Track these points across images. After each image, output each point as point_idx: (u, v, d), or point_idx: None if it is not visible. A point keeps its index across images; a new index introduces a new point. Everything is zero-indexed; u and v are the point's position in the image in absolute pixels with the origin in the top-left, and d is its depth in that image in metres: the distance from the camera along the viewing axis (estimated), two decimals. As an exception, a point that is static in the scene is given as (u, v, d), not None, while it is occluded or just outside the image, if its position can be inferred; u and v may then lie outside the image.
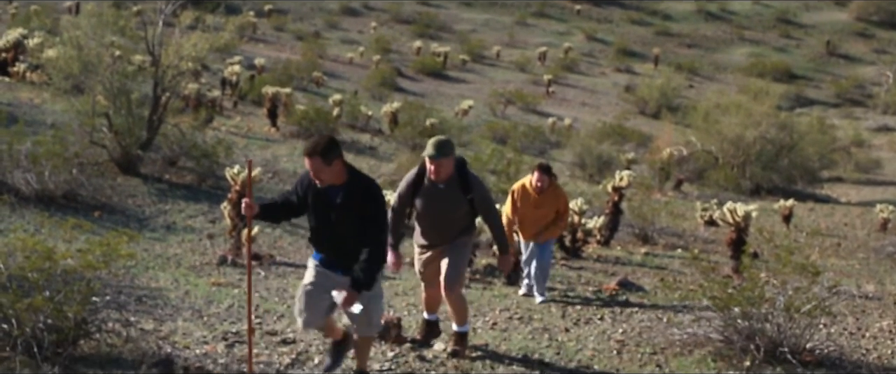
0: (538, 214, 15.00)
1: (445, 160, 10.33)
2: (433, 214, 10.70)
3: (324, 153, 8.45)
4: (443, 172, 10.41)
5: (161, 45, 24.69)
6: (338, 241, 8.84)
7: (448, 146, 10.44)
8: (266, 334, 11.51)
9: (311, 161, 8.49)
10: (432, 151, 10.29)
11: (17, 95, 30.78)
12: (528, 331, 12.74)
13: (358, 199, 8.66)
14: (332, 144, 8.62)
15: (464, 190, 10.57)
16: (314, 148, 8.49)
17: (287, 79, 47.66)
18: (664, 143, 43.44)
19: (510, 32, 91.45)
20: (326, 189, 8.71)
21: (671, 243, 24.31)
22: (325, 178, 8.60)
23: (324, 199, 8.75)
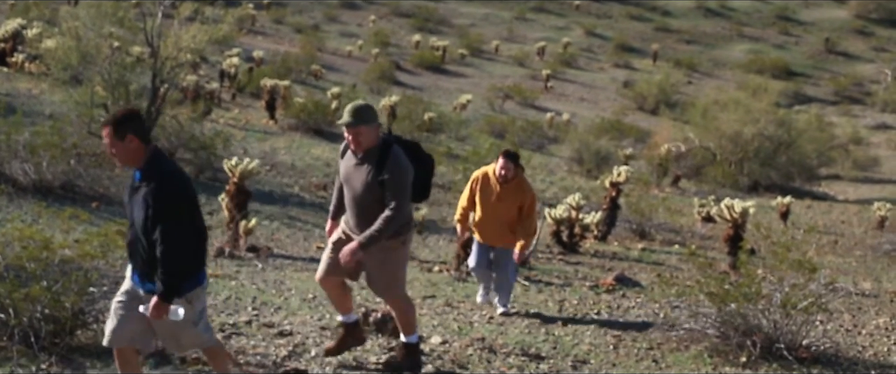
0: (499, 209, 13.02)
1: (364, 128, 8.94)
2: (348, 191, 9.34)
3: (117, 124, 7.21)
4: (362, 142, 9.01)
5: (160, 36, 24.72)
6: (132, 242, 7.53)
7: (365, 112, 9.04)
8: (263, 326, 11.50)
9: (104, 131, 7.31)
10: (346, 117, 8.97)
11: (15, 86, 30.79)
12: (524, 325, 12.76)
13: (148, 193, 7.26)
14: (130, 116, 7.34)
15: (379, 169, 8.98)
16: (111, 117, 7.38)
17: (285, 71, 47.72)
18: (662, 139, 43.48)
19: (509, 27, 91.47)
20: (132, 177, 7.47)
21: (668, 239, 24.33)
22: (119, 155, 7.31)
23: (129, 189, 7.51)
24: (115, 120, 7.23)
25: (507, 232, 13.12)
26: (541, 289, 15.88)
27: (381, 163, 8.97)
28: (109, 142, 7.23)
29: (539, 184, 30.70)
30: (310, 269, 16.32)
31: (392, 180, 8.92)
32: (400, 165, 9.00)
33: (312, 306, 13.23)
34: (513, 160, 13.01)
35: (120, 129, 7.16)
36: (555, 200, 26.76)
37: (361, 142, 8.99)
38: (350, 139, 9.05)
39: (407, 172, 9.05)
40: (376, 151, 9.03)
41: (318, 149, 30.62)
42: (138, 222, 7.29)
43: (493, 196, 13.05)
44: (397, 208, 8.94)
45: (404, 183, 9.05)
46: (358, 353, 10.47)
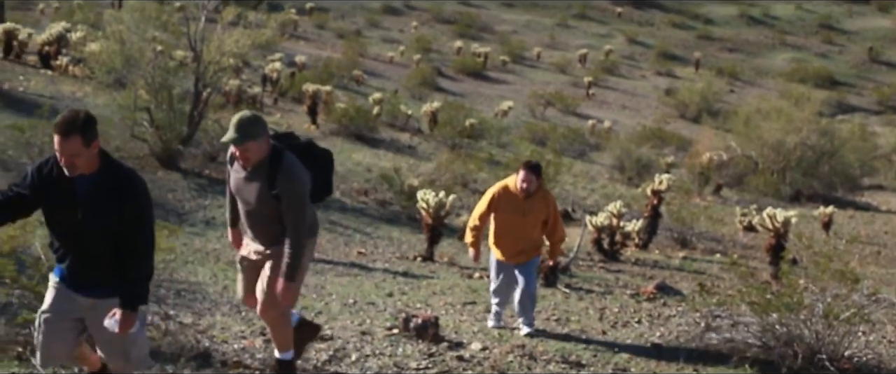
0: (524, 223, 12.11)
1: (252, 144, 8.03)
2: (242, 204, 8.52)
3: (84, 129, 6.71)
4: (251, 158, 8.13)
5: (203, 40, 24.80)
6: (83, 249, 7.05)
7: (252, 126, 8.04)
8: (303, 330, 11.52)
9: (67, 141, 6.68)
10: (231, 133, 7.99)
11: (59, 89, 30.98)
12: (565, 333, 12.70)
13: (119, 196, 6.90)
14: (92, 119, 6.84)
15: (270, 183, 8.14)
16: (72, 123, 6.70)
17: (327, 77, 47.75)
18: (704, 147, 43.31)
19: (551, 34, 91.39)
20: (72, 180, 6.88)
21: (710, 248, 24.23)
22: (81, 163, 6.79)
23: (67, 193, 6.92)
24: (82, 125, 6.71)
25: (531, 248, 12.32)
26: (581, 297, 15.82)
27: (272, 176, 8.17)
28: (74, 149, 6.68)
29: (580, 191, 30.68)
30: (350, 273, 16.38)
31: (285, 196, 8.16)
32: (292, 178, 8.18)
33: (353, 311, 13.24)
34: (535, 172, 12.05)
35: (88, 134, 6.71)
36: (596, 207, 26.70)
37: (250, 158, 8.14)
38: (238, 156, 8.19)
39: (301, 182, 8.22)
40: (266, 163, 8.17)
41: (360, 154, 30.66)
42: (100, 227, 6.90)
43: (518, 211, 12.07)
44: (295, 226, 8.22)
45: (299, 196, 8.24)
46: (398, 358, 10.49)
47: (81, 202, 6.87)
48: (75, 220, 6.89)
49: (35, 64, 35.69)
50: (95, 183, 6.89)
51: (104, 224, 6.92)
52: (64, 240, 7.10)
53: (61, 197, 6.91)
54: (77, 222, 6.90)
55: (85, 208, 6.87)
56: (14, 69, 33.63)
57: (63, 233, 7.07)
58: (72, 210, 6.88)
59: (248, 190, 8.33)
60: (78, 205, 6.87)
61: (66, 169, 6.82)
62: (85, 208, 6.88)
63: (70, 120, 6.74)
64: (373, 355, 10.62)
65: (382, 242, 20.72)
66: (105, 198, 6.88)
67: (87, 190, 6.89)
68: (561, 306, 14.78)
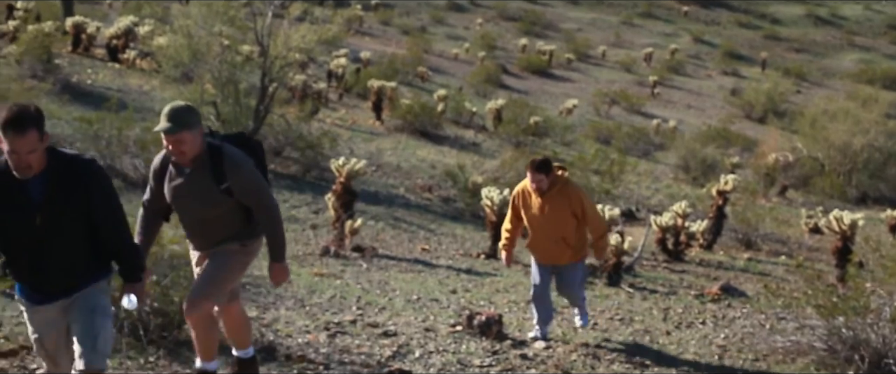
0: (548, 222, 11.51)
1: (188, 134, 7.36)
2: (184, 210, 7.86)
3: (40, 122, 6.21)
4: (187, 151, 7.44)
5: (270, 36, 24.91)
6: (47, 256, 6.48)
7: (187, 115, 7.43)
8: (367, 326, 11.56)
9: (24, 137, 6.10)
10: (164, 122, 7.34)
11: (126, 82, 31.26)
12: (629, 333, 12.68)
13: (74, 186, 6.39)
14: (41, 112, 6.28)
15: (217, 177, 7.55)
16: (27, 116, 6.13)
17: (392, 73, 47.78)
18: (770, 148, 42.95)
19: (616, 32, 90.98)
20: (23, 183, 6.29)
21: (775, 250, 24.05)
22: (36, 162, 6.21)
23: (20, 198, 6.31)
24: (38, 117, 6.18)
25: (565, 247, 11.57)
26: (645, 297, 15.77)
27: (218, 171, 7.58)
28: (31, 146, 6.13)
29: (644, 191, 30.54)
30: (414, 270, 16.38)
31: (241, 183, 7.60)
32: (241, 165, 7.62)
33: (416, 307, 13.25)
34: (542, 171, 11.36)
35: (43, 127, 6.21)
36: (660, 207, 26.58)
37: (186, 151, 7.45)
38: (171, 150, 7.47)
39: (250, 167, 7.68)
40: (206, 157, 7.56)
41: (424, 151, 30.68)
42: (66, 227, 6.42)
43: (536, 209, 11.56)
44: (268, 205, 7.74)
45: (256, 179, 7.71)
46: (462, 355, 10.49)
47: (40, 205, 6.30)
48: (33, 227, 6.33)
49: (103, 57, 36.02)
50: (50, 180, 6.32)
51: (71, 222, 6.44)
52: (21, 252, 6.47)
53: (13, 205, 6.29)
54: (36, 229, 6.34)
55: (45, 210, 6.32)
56: (82, 62, 33.95)
57: (20, 244, 6.43)
58: (29, 217, 6.30)
59: (191, 191, 7.66)
60: (36, 210, 6.30)
61: (19, 171, 6.21)
62: (46, 211, 6.32)
63: (24, 113, 6.13)
64: (436, 351, 10.63)
65: (446, 238, 20.72)
66: (67, 192, 6.37)
67: (43, 190, 6.31)
68: (625, 305, 14.75)
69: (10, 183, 6.27)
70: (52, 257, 6.49)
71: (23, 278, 6.63)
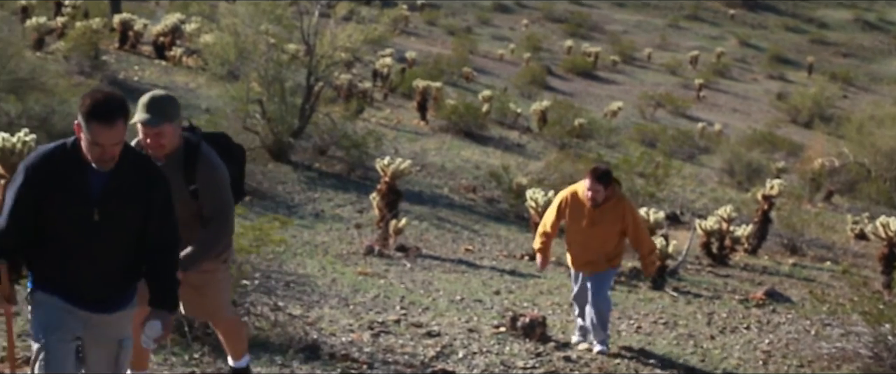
0: (593, 235, 11.08)
1: (169, 127, 6.74)
2: None
3: (127, 111, 5.67)
4: (166, 145, 6.79)
5: (316, 34, 24.97)
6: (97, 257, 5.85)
7: (169, 106, 6.80)
8: (411, 325, 11.57)
9: (115, 128, 5.54)
10: (143, 113, 6.67)
11: (173, 79, 31.43)
12: (673, 337, 12.64)
13: (137, 185, 5.87)
14: (125, 101, 5.70)
15: (188, 176, 6.96)
16: (120, 105, 5.59)
17: (437, 73, 47.76)
18: (816, 153, 42.71)
19: (662, 35, 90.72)
20: (86, 175, 5.72)
21: (820, 255, 23.89)
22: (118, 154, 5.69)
23: (80, 189, 5.73)
24: (125, 107, 5.64)
25: (603, 261, 11.18)
26: (690, 300, 15.72)
27: (190, 169, 7.00)
28: (116, 138, 5.60)
29: (689, 194, 30.43)
30: (458, 270, 16.38)
31: (208, 189, 7.01)
32: (215, 167, 7.06)
33: (460, 307, 13.25)
34: (603, 182, 10.91)
35: (128, 118, 5.72)
36: (705, 211, 26.48)
37: (165, 144, 6.83)
38: (149, 143, 6.79)
39: (222, 172, 7.10)
40: (181, 154, 6.97)
41: (469, 151, 30.67)
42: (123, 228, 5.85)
43: (585, 221, 11.08)
44: (223, 220, 7.11)
45: (225, 188, 7.12)
46: (505, 357, 10.49)
47: (99, 201, 5.72)
48: (89, 223, 5.71)
49: (150, 54, 36.25)
50: (115, 175, 5.75)
51: (127, 226, 5.88)
52: (65, 250, 5.82)
53: (71, 196, 5.70)
54: (90, 226, 5.72)
55: (104, 207, 5.73)
56: (129, 59, 34.17)
57: (66, 241, 5.79)
58: (86, 212, 5.70)
59: None
60: (94, 205, 5.71)
61: (101, 163, 5.66)
62: (105, 208, 5.74)
63: (113, 102, 5.59)
64: (480, 352, 10.63)
65: (490, 239, 20.70)
66: (130, 192, 5.83)
67: (105, 184, 5.74)
68: (669, 309, 14.70)
69: (71, 172, 5.68)
70: (102, 259, 5.85)
71: (54, 278, 5.86)
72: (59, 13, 38.98)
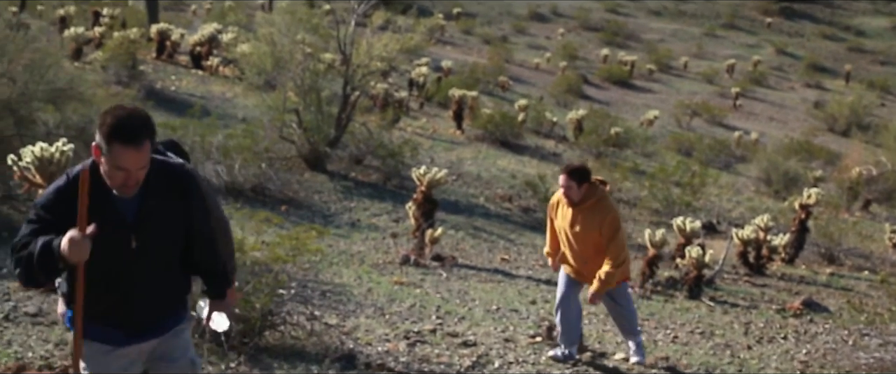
0: (577, 238, 10.52)
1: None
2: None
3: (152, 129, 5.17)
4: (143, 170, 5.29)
5: (352, 44, 25.02)
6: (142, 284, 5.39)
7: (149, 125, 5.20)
8: (447, 335, 11.57)
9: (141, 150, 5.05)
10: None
11: (209, 89, 31.54)
12: (709, 346, 12.59)
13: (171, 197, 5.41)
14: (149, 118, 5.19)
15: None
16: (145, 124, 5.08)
17: (473, 82, 47.77)
18: (853, 162, 42.52)
19: (699, 43, 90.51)
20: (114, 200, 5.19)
21: (858, 265, 23.76)
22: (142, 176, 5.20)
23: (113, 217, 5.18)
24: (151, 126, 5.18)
25: (597, 267, 10.45)
26: (726, 310, 15.67)
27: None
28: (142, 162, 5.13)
29: (725, 203, 30.30)
30: (494, 280, 16.35)
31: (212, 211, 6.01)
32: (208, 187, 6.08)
33: (496, 317, 13.25)
34: (575, 178, 10.28)
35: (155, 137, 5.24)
36: (741, 220, 26.37)
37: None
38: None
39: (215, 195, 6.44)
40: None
41: (504, 160, 30.64)
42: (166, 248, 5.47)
43: (566, 222, 10.58)
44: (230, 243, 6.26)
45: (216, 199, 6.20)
46: (541, 367, 10.47)
47: (135, 226, 5.26)
48: (127, 252, 5.25)
49: (186, 64, 36.41)
50: (146, 194, 5.28)
51: (169, 243, 5.51)
52: (108, 282, 5.32)
53: (102, 226, 5.02)
54: (129, 254, 5.27)
55: (141, 232, 5.28)
56: (166, 69, 34.32)
57: (108, 273, 5.28)
58: (122, 240, 5.23)
59: None
60: (130, 231, 5.24)
61: (123, 190, 5.17)
62: (142, 233, 5.28)
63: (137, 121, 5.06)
64: (516, 362, 10.62)
65: (526, 249, 20.66)
66: (166, 209, 5.39)
67: (138, 206, 5.27)
68: (705, 319, 14.65)
69: (99, 199, 5.09)
70: (145, 287, 5.42)
71: (106, 314, 5.38)
72: (97, 24, 39.25)
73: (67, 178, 5.25)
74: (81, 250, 4.89)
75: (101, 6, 43.39)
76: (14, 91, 15.79)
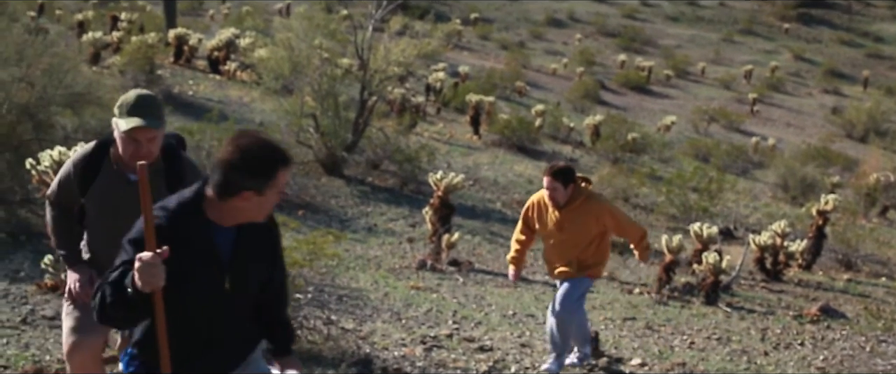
0: (564, 240, 10.13)
1: (160, 132, 6.11)
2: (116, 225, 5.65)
3: None
4: (155, 151, 6.09)
5: (369, 49, 25.05)
6: (226, 329, 5.04)
7: (161, 106, 6.23)
8: (463, 340, 11.58)
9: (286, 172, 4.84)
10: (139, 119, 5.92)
11: (227, 93, 31.61)
12: (726, 352, 12.58)
13: (262, 233, 5.09)
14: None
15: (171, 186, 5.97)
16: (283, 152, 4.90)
17: (490, 87, 47.71)
18: (871, 168, 42.41)
19: (716, 49, 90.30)
20: (208, 235, 4.82)
21: (875, 271, 23.70)
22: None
23: (203, 253, 4.81)
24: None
25: (578, 267, 10.23)
26: (743, 316, 15.64)
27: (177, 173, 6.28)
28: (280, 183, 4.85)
29: (743, 209, 30.25)
30: (510, 285, 16.32)
31: None
32: (197, 166, 6.53)
33: (512, 322, 13.25)
34: (561, 179, 9.88)
35: None
36: (758, 226, 26.32)
37: (155, 151, 6.14)
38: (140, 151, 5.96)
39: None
40: (160, 160, 6.26)
41: (521, 165, 30.64)
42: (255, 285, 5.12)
43: (552, 225, 10.15)
44: None
45: None
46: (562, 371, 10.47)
47: (230, 263, 4.90)
48: (221, 293, 4.88)
49: (204, 69, 36.50)
50: (240, 228, 4.94)
51: (255, 282, 5.14)
52: (198, 326, 4.93)
53: (197, 264, 4.77)
54: (223, 296, 4.91)
55: (235, 270, 4.92)
56: (184, 74, 34.41)
57: (198, 316, 4.90)
58: (217, 280, 4.86)
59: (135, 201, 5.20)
60: (226, 269, 4.88)
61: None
62: (236, 271, 4.93)
63: (279, 146, 4.87)
64: (532, 367, 10.63)
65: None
66: (256, 245, 5.07)
67: (233, 241, 4.93)
68: (722, 325, 14.63)
69: (196, 234, 4.79)
70: (234, 329, 5.09)
71: (191, 359, 4.92)
72: (115, 28, 39.45)
73: None
74: (154, 276, 4.44)
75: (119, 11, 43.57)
76: (33, 95, 15.83)
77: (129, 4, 58.80)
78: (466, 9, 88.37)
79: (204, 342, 4.95)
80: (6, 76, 15.46)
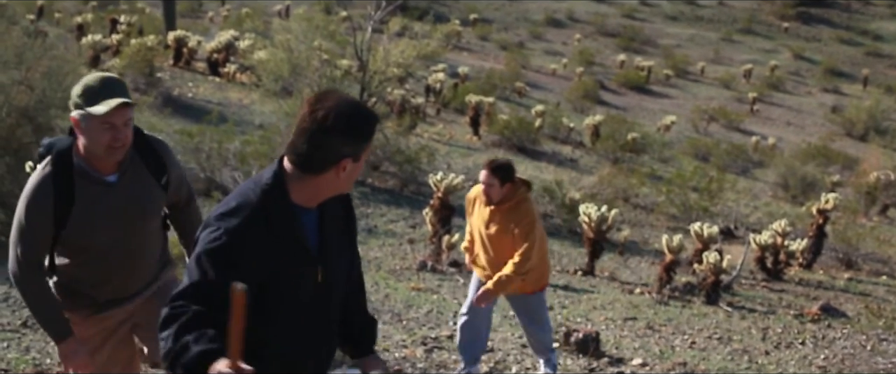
0: (492, 240, 9.51)
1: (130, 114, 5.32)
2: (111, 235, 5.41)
3: None
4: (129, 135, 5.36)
5: (369, 50, 25.06)
6: (322, 328, 4.52)
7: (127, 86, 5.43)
8: (464, 341, 11.58)
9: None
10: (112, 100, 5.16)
11: (226, 95, 31.60)
12: (727, 352, 12.58)
13: (344, 218, 4.62)
14: None
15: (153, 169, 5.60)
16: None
17: (490, 88, 47.70)
18: (871, 166, 42.38)
19: (716, 49, 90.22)
20: (299, 222, 4.22)
21: (876, 270, 23.70)
22: None
23: (291, 244, 4.20)
24: None
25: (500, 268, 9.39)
26: (744, 315, 15.64)
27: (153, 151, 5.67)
28: None
29: (743, 208, 30.24)
30: (511, 286, 16.31)
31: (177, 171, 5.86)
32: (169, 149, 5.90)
33: (513, 323, 13.23)
34: (499, 175, 9.22)
35: None
36: (758, 225, 26.31)
37: (130, 135, 5.39)
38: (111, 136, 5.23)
39: None
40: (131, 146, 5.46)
41: (521, 166, 30.61)
42: (345, 279, 4.65)
43: (481, 222, 9.61)
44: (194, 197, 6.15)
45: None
46: (559, 372, 10.45)
47: (320, 253, 4.34)
48: (313, 287, 4.32)
49: (203, 71, 36.52)
50: (322, 213, 4.39)
51: (345, 266, 4.64)
52: (291, 328, 4.33)
53: (287, 257, 4.18)
54: (317, 290, 4.34)
55: (326, 260, 4.37)
56: (183, 76, 34.42)
57: (294, 316, 4.32)
58: (309, 273, 4.29)
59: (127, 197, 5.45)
60: (316, 261, 4.31)
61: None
62: (327, 261, 4.37)
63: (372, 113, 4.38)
64: (533, 368, 10.62)
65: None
66: (341, 231, 4.57)
67: (318, 228, 4.37)
68: (723, 324, 14.63)
69: (283, 224, 4.19)
70: (332, 328, 4.62)
71: (285, 369, 4.35)
72: (114, 31, 39.43)
73: None
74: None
75: (118, 13, 43.59)
76: (32, 99, 15.83)
77: (128, 7, 58.82)
78: (465, 9, 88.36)
79: (304, 347, 4.42)
80: (6, 79, 15.45)
